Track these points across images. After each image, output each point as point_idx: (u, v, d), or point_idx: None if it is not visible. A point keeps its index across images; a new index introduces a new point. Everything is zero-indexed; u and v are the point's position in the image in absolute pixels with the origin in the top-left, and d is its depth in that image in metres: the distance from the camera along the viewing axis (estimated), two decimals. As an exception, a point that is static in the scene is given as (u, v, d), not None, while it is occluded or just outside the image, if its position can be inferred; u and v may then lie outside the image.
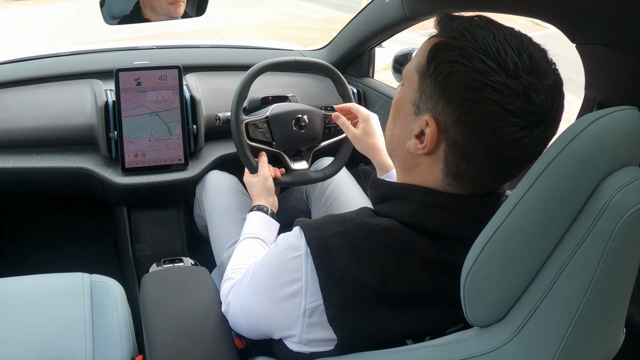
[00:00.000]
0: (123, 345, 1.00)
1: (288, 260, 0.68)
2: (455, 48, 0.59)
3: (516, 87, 0.56)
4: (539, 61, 0.58)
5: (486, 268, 0.53)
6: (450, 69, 0.59)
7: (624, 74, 0.82)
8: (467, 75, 0.57)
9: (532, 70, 0.57)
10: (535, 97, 0.57)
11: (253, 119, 1.20)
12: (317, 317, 0.64)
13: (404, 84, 0.68)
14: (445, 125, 0.61)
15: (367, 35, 1.53)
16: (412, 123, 0.65)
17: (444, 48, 0.60)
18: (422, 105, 0.63)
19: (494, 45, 0.57)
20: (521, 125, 0.57)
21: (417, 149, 0.64)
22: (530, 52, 0.58)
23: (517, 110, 0.56)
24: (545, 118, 0.58)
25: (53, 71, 1.50)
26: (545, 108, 0.57)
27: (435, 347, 0.57)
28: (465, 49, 0.58)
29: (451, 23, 0.62)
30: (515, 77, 0.56)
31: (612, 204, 0.48)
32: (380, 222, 0.64)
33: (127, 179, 1.35)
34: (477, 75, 0.57)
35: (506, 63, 0.56)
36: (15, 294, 1.05)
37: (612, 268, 0.49)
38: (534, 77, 0.57)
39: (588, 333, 0.51)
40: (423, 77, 0.63)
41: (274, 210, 1.13)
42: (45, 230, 1.78)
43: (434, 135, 0.61)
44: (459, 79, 0.58)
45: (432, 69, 0.61)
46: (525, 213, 0.51)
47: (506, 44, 0.57)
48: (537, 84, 0.57)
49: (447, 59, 0.59)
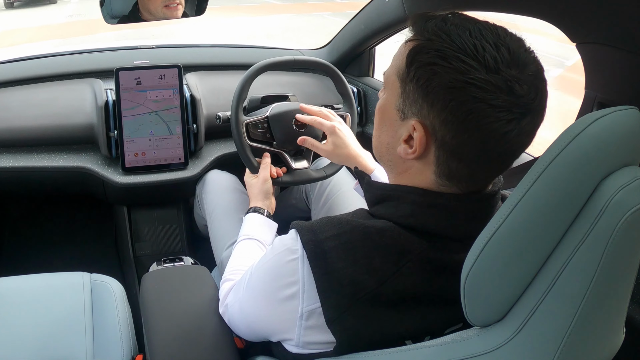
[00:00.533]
0: (123, 345, 1.00)
1: (284, 263, 0.68)
2: (432, 50, 0.58)
3: (498, 81, 0.56)
4: (518, 52, 0.58)
5: (486, 268, 0.53)
6: (431, 72, 0.58)
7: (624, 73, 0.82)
8: (447, 76, 0.57)
9: (511, 63, 0.57)
10: (519, 89, 0.56)
11: (253, 119, 1.19)
12: (315, 319, 0.64)
13: (386, 89, 0.68)
14: (432, 127, 0.60)
15: (367, 35, 1.53)
16: (399, 128, 0.65)
17: (421, 51, 0.60)
18: (406, 110, 0.63)
19: (471, 43, 0.57)
20: (508, 119, 0.57)
21: (407, 154, 0.64)
22: (507, 44, 0.58)
23: (502, 104, 0.56)
24: (531, 107, 0.58)
25: (53, 70, 1.50)
26: (529, 98, 0.57)
27: (435, 347, 0.57)
28: (443, 50, 0.58)
29: (425, 24, 0.61)
30: (496, 72, 0.56)
31: (612, 204, 0.48)
32: (376, 224, 0.64)
33: (127, 178, 1.35)
34: (458, 75, 0.56)
35: (485, 59, 0.56)
36: (16, 294, 1.05)
37: (612, 268, 0.49)
38: (515, 68, 0.57)
39: (588, 333, 0.51)
40: (404, 82, 0.62)
41: (270, 212, 1.13)
42: (46, 229, 1.79)
43: (422, 139, 0.61)
44: (440, 81, 0.58)
45: (412, 73, 0.61)
46: (525, 213, 0.51)
47: (483, 39, 0.57)
48: (519, 76, 0.57)
49: (426, 62, 0.59)
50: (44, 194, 1.67)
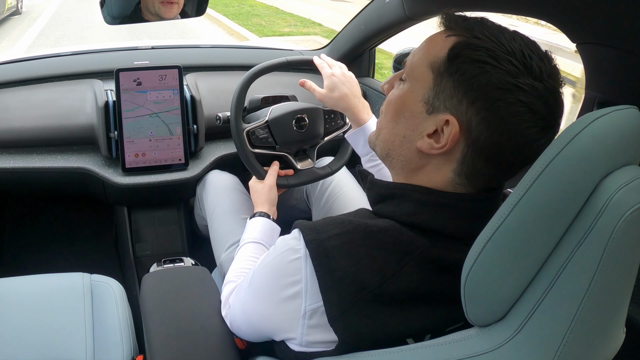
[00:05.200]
0: (123, 345, 1.00)
1: (287, 262, 0.68)
2: (483, 48, 0.59)
3: (541, 89, 0.58)
4: (554, 66, 0.61)
5: (486, 268, 0.53)
6: (480, 69, 0.59)
7: (624, 73, 0.82)
8: (498, 76, 0.58)
9: (551, 74, 0.59)
10: (553, 100, 0.59)
11: (253, 126, 1.19)
12: (317, 318, 0.64)
13: (409, 81, 0.66)
14: (468, 124, 0.60)
15: (367, 35, 1.53)
16: (424, 122, 0.64)
17: (470, 47, 0.60)
18: (438, 103, 0.62)
19: (519, 49, 0.59)
20: (542, 126, 0.59)
21: (432, 148, 0.63)
22: (547, 57, 0.60)
23: (540, 111, 0.59)
24: (557, 120, 0.61)
25: (53, 71, 1.50)
26: (559, 110, 0.61)
27: (436, 347, 0.57)
28: (494, 50, 0.58)
29: (465, 23, 0.62)
30: (540, 80, 0.58)
31: (612, 203, 0.48)
32: (378, 223, 0.64)
33: (127, 179, 1.36)
34: (508, 77, 0.58)
35: (532, 67, 0.58)
36: (16, 294, 1.05)
37: (612, 267, 0.49)
38: (553, 80, 0.59)
39: (588, 333, 0.51)
40: (441, 75, 0.62)
41: (274, 218, 1.13)
42: (46, 230, 1.79)
43: (455, 135, 0.61)
44: (489, 80, 0.58)
45: (455, 67, 0.60)
46: (525, 212, 0.51)
47: (527, 47, 0.59)
48: (556, 87, 0.60)
49: (475, 59, 0.59)
50: (44, 194, 1.67)
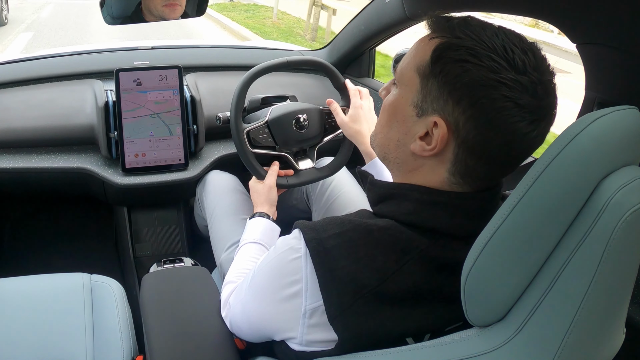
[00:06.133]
0: (123, 346, 1.00)
1: (288, 262, 0.68)
2: (463, 48, 0.59)
3: (526, 83, 0.58)
4: (540, 57, 0.60)
5: (486, 268, 0.53)
6: (461, 68, 0.59)
7: (624, 74, 0.82)
8: (479, 73, 0.58)
9: (536, 67, 0.59)
10: (541, 92, 0.59)
11: (253, 126, 1.19)
12: (317, 317, 0.65)
13: (399, 86, 0.68)
14: (456, 124, 0.61)
15: (367, 36, 1.53)
16: (415, 125, 0.65)
17: (451, 48, 0.60)
18: (426, 106, 0.63)
19: (500, 44, 0.59)
20: (530, 119, 0.59)
21: (423, 150, 0.64)
22: (532, 49, 0.60)
23: (527, 105, 0.58)
24: (549, 111, 0.61)
25: (53, 71, 1.50)
26: (549, 102, 0.60)
27: (436, 347, 0.57)
28: (474, 48, 0.59)
29: (448, 24, 0.62)
30: (523, 73, 0.58)
31: (612, 204, 0.48)
32: (378, 223, 0.64)
33: (127, 179, 1.36)
34: (490, 74, 0.58)
35: (514, 61, 0.58)
36: (16, 294, 1.05)
37: (612, 268, 0.49)
38: (538, 72, 0.59)
39: (588, 333, 0.51)
40: (426, 78, 0.63)
41: (274, 219, 1.14)
42: (46, 230, 1.79)
43: (444, 136, 0.62)
44: (471, 78, 0.58)
45: (438, 69, 0.61)
46: (525, 213, 0.51)
47: (510, 42, 0.59)
48: (542, 79, 0.59)
49: (456, 59, 0.59)
50: (44, 194, 1.67)
